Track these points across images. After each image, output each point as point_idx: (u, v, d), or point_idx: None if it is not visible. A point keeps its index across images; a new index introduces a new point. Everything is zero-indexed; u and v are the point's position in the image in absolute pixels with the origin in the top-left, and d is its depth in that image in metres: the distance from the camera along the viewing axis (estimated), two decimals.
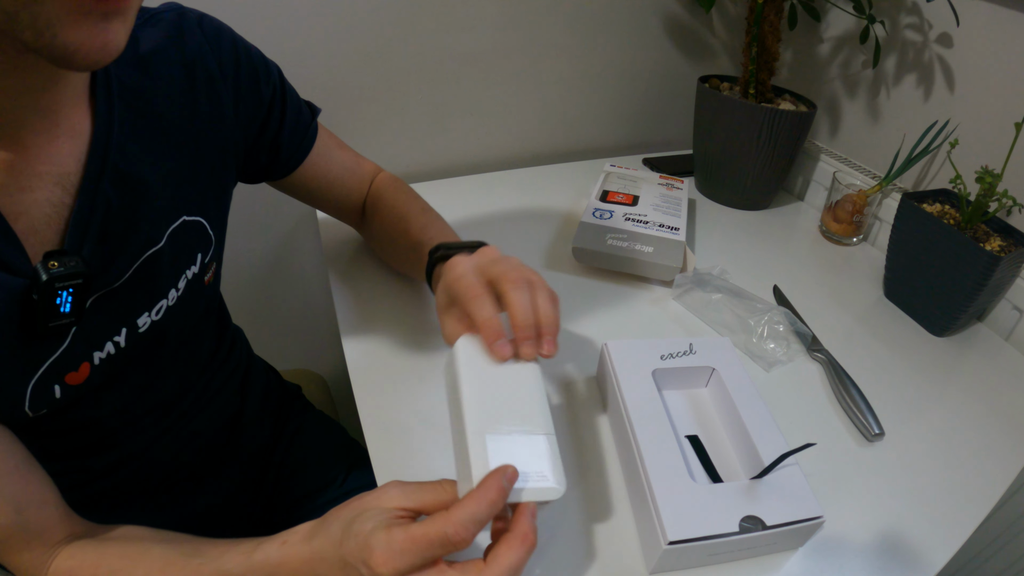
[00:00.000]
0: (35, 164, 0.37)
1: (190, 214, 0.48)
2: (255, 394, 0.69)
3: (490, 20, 0.88)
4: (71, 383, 0.42)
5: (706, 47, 1.06)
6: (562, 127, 1.05)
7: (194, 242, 0.50)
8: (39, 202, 0.38)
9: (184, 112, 0.47)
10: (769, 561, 0.46)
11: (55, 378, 0.41)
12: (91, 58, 0.31)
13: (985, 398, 0.63)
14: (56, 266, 0.37)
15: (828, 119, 0.96)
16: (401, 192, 0.68)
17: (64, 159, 0.39)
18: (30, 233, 0.37)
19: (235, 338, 0.68)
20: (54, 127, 0.38)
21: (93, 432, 0.49)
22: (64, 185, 0.39)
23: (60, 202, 0.39)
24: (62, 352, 0.41)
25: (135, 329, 0.46)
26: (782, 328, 0.66)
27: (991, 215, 0.68)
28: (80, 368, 0.43)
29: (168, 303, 0.48)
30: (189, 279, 0.50)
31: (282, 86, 0.57)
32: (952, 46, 0.75)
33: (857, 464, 0.55)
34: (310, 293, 1.05)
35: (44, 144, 0.38)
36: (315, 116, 0.63)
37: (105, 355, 0.44)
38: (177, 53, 0.47)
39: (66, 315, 0.39)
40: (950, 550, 0.48)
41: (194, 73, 0.47)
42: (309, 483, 0.72)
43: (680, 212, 0.80)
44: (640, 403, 0.50)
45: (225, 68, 0.50)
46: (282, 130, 0.58)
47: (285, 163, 0.60)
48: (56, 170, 0.38)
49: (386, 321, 0.66)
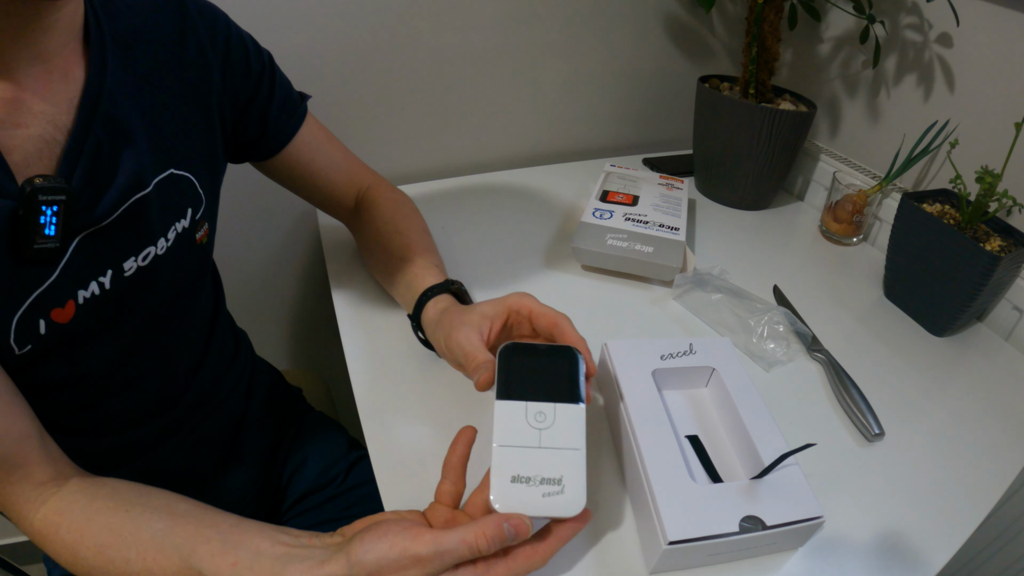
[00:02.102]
0: (30, 103, 0.40)
1: (178, 168, 0.50)
2: (259, 397, 0.69)
3: (490, 20, 0.88)
4: (57, 320, 0.43)
5: (706, 47, 1.06)
6: (562, 127, 1.05)
7: (183, 197, 0.51)
8: (32, 138, 0.40)
9: (173, 74, 0.49)
10: (769, 561, 0.46)
11: (41, 312, 0.42)
12: None
13: (985, 398, 0.63)
14: (40, 181, 0.39)
15: (828, 119, 0.96)
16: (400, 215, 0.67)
17: (58, 100, 0.41)
18: (23, 165, 0.39)
19: (240, 340, 0.68)
20: (49, 71, 0.40)
21: (91, 388, 0.49)
22: (56, 124, 0.41)
23: (52, 139, 0.41)
24: (49, 285, 0.42)
25: (121, 272, 0.46)
26: (782, 328, 0.66)
27: (991, 215, 0.68)
28: (66, 305, 0.43)
29: (157, 251, 0.49)
30: (179, 232, 0.51)
31: (272, 67, 0.59)
32: (952, 46, 0.75)
33: (857, 464, 0.55)
34: (310, 293, 1.05)
35: (39, 86, 0.40)
36: (304, 100, 0.63)
37: (90, 295, 0.45)
38: (170, 22, 0.49)
39: (51, 238, 0.40)
40: (950, 550, 0.48)
41: (185, 41, 0.50)
42: (310, 482, 0.72)
43: (680, 212, 0.80)
44: (640, 403, 0.50)
45: (216, 40, 0.53)
46: (271, 105, 0.59)
47: (272, 139, 0.61)
48: (50, 110, 0.41)
49: (386, 321, 0.66)
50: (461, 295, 0.58)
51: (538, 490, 0.39)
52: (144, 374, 0.53)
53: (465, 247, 0.78)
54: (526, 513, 0.38)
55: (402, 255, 0.61)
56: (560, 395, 0.43)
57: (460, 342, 0.48)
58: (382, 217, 0.66)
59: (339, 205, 0.70)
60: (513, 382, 0.43)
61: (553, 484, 0.39)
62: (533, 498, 0.38)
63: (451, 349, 0.49)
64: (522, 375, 0.44)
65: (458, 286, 0.58)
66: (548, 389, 0.43)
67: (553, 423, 0.42)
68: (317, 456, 0.74)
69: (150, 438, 0.54)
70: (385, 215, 0.66)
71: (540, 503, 0.38)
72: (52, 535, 0.42)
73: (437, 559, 0.36)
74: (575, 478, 0.39)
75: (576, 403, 0.43)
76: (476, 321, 0.49)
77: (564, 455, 0.40)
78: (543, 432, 0.41)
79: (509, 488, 0.39)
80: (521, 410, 0.42)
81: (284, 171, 0.64)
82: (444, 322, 0.51)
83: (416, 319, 0.56)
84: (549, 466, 0.39)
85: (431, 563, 0.36)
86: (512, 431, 0.41)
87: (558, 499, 0.38)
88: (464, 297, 0.59)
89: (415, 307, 0.56)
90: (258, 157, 0.62)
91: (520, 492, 0.38)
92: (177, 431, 0.56)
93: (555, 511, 0.38)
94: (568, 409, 0.42)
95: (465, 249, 0.78)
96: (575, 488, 0.39)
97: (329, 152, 0.66)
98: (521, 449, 0.40)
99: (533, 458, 0.40)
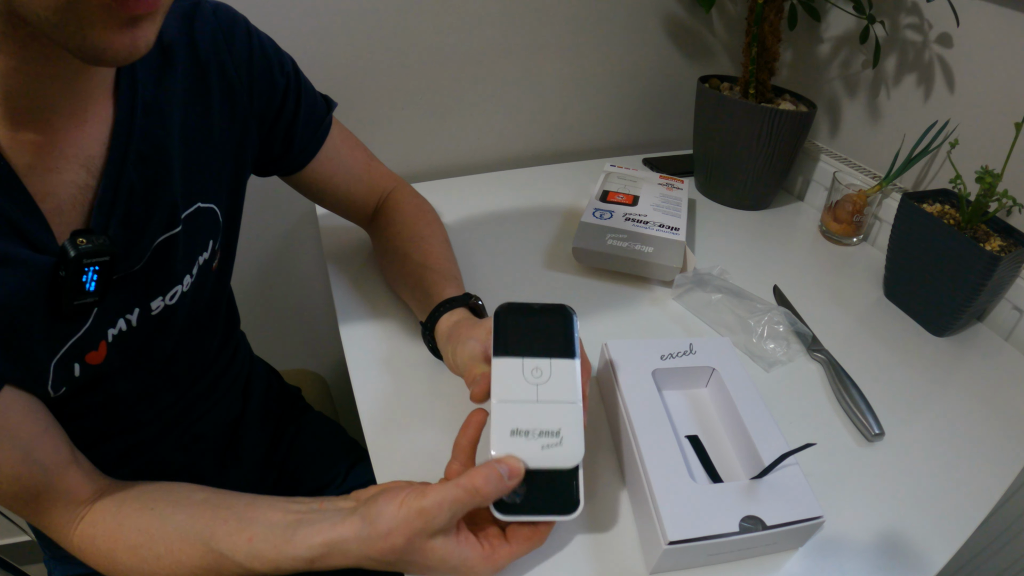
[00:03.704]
0: (63, 147, 0.38)
1: (205, 201, 0.49)
2: (256, 397, 0.69)
3: (490, 20, 0.88)
4: (91, 363, 0.43)
5: (706, 47, 1.06)
6: (562, 127, 1.05)
7: (206, 229, 0.50)
8: (66, 184, 0.39)
9: (199, 100, 0.48)
10: (769, 561, 0.46)
11: (76, 357, 0.42)
12: (120, 57, 0.32)
13: (985, 398, 0.63)
14: (84, 243, 0.38)
15: (828, 119, 0.96)
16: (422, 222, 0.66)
17: (90, 143, 0.40)
18: (56, 214, 0.38)
19: (239, 341, 0.68)
20: (82, 112, 0.39)
21: (103, 413, 0.49)
22: (89, 168, 0.40)
23: (85, 184, 0.40)
24: (84, 332, 0.42)
25: (148, 311, 0.47)
26: (782, 328, 0.66)
27: (991, 215, 0.68)
28: (99, 348, 0.43)
29: (183, 288, 0.49)
30: (200, 265, 0.51)
31: (296, 77, 0.57)
32: (952, 46, 0.75)
33: (857, 464, 0.55)
34: (310, 293, 1.05)
35: (72, 128, 0.39)
36: (330, 110, 0.62)
37: (117, 331, 0.45)
38: (191, 44, 0.47)
39: (91, 293, 0.40)
40: (950, 550, 0.48)
41: (208, 61, 0.48)
42: (309, 482, 0.72)
43: (680, 212, 0.80)
44: (640, 403, 0.50)
45: (238, 58, 0.50)
46: (296, 120, 0.57)
47: (297, 156, 0.60)
48: (83, 153, 0.39)
49: (386, 321, 0.66)
50: (478, 310, 0.58)
51: (537, 442, 0.40)
52: (159, 391, 0.54)
53: (465, 247, 0.78)
54: (527, 466, 0.39)
55: (422, 261, 0.61)
56: (555, 351, 0.44)
57: (464, 355, 0.48)
58: (403, 222, 0.65)
59: (357, 213, 0.69)
60: (510, 339, 0.44)
61: (552, 436, 0.40)
62: (533, 450, 0.40)
63: (457, 363, 0.50)
64: (518, 332, 0.45)
65: (476, 300, 0.58)
66: (544, 345, 0.44)
67: (550, 377, 0.43)
68: (316, 456, 0.74)
69: (147, 439, 0.55)
70: (407, 220, 0.66)
71: (539, 455, 0.39)
72: (89, 547, 0.43)
73: (438, 508, 0.37)
74: (573, 430, 0.41)
75: (571, 358, 0.44)
76: (483, 336, 0.49)
77: (561, 408, 0.41)
78: (540, 387, 0.42)
79: (509, 441, 0.40)
80: (518, 366, 0.43)
81: (302, 185, 0.64)
82: (455, 335, 0.51)
83: (430, 328, 0.56)
84: (547, 419, 0.41)
85: (434, 513, 0.37)
86: (510, 386, 0.42)
87: (557, 450, 0.40)
88: (481, 312, 0.58)
89: (430, 315, 0.56)
90: (284, 172, 0.62)
91: (520, 445, 0.40)
92: (172, 430, 0.57)
93: (554, 462, 0.39)
94: (564, 364, 0.44)
95: (465, 249, 0.78)
96: (573, 439, 0.40)
97: (350, 165, 0.65)
98: (519, 403, 0.41)
99: (531, 412, 0.41)
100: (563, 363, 0.44)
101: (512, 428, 0.40)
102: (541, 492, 0.39)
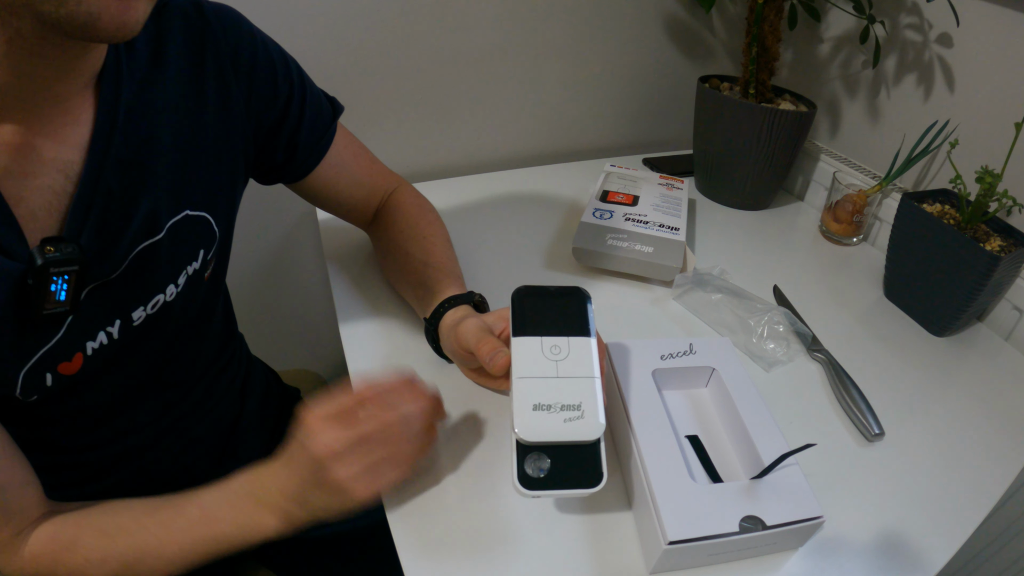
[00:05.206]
0: (41, 151, 0.37)
1: (194, 208, 0.47)
2: (255, 398, 0.69)
3: (490, 20, 0.88)
4: (64, 373, 0.42)
5: (706, 47, 1.06)
6: (562, 127, 1.05)
7: (197, 237, 0.49)
8: (41, 188, 0.38)
9: (192, 105, 0.46)
10: (769, 561, 0.46)
11: (48, 366, 0.41)
12: (111, 29, 0.31)
13: (985, 398, 0.63)
14: (52, 251, 0.37)
15: (828, 119, 0.96)
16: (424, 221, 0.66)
17: (69, 148, 0.39)
18: (30, 219, 0.37)
19: (237, 344, 0.68)
20: (62, 116, 0.38)
21: (90, 418, 0.49)
22: (67, 173, 0.39)
23: (62, 189, 0.39)
24: (56, 342, 0.41)
25: (129, 322, 0.45)
26: (782, 328, 0.66)
27: (991, 215, 0.68)
28: (73, 359, 0.43)
29: (166, 298, 0.47)
30: (190, 275, 0.49)
31: (301, 82, 0.56)
32: (952, 46, 0.75)
33: (857, 464, 0.55)
34: (310, 293, 1.05)
35: (51, 131, 0.38)
36: (336, 116, 0.61)
37: (98, 345, 0.44)
38: (189, 44, 0.46)
39: (61, 303, 0.39)
40: (950, 550, 0.48)
41: (204, 65, 0.46)
42: None
43: (680, 212, 0.80)
44: (640, 403, 0.50)
45: (239, 60, 0.49)
46: (300, 128, 0.56)
47: (301, 164, 0.59)
48: (61, 158, 0.38)
49: (386, 321, 0.66)
50: (481, 307, 0.58)
51: (559, 416, 0.41)
52: (148, 397, 0.53)
53: (465, 247, 0.78)
54: (550, 439, 0.40)
55: (425, 259, 0.61)
56: (572, 329, 0.46)
57: (470, 330, 0.48)
58: (406, 221, 0.65)
59: (358, 217, 0.69)
60: (528, 320, 0.46)
61: (573, 410, 0.41)
62: (555, 424, 0.40)
63: (460, 342, 0.49)
64: (535, 313, 0.47)
65: (479, 298, 0.57)
66: (561, 324, 0.46)
67: (568, 354, 0.44)
68: None
69: (143, 443, 0.54)
70: (409, 219, 0.65)
71: (562, 428, 0.40)
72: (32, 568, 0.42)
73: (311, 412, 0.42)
74: (593, 403, 0.42)
75: (587, 336, 0.45)
76: (490, 319, 0.49)
77: (581, 383, 0.43)
78: (559, 363, 0.44)
79: (532, 416, 0.41)
80: (537, 344, 0.45)
81: (305, 191, 0.63)
82: (457, 328, 0.51)
83: (433, 324, 0.56)
84: (568, 393, 0.42)
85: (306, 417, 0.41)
86: (530, 364, 0.43)
87: (579, 423, 0.41)
88: (483, 309, 0.58)
89: (434, 312, 0.55)
90: (287, 180, 0.61)
91: (542, 419, 0.41)
92: (168, 433, 0.56)
93: (576, 435, 0.40)
94: (581, 342, 0.45)
95: (466, 249, 0.78)
96: (593, 412, 0.41)
97: (354, 171, 0.64)
98: (540, 380, 0.43)
99: (552, 387, 0.42)
100: (580, 341, 0.45)
101: (535, 403, 0.41)
102: (565, 466, 0.40)
